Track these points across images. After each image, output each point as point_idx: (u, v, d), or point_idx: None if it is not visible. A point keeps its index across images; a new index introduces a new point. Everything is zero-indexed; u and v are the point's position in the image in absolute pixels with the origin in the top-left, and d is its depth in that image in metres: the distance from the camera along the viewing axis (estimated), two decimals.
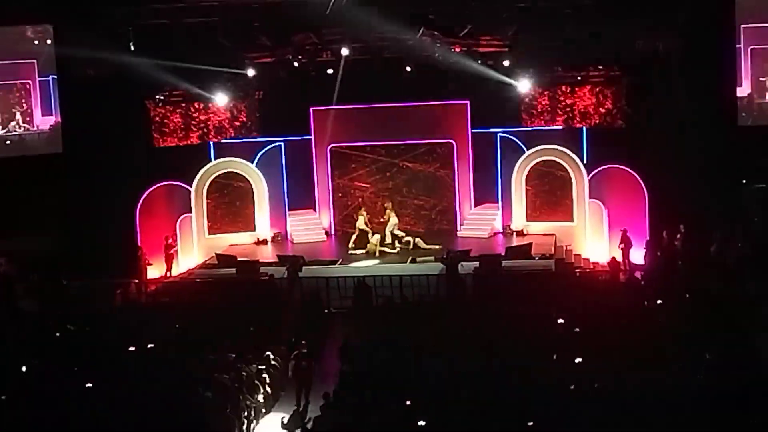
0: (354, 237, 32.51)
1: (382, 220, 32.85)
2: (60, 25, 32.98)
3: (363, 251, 31.95)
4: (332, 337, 24.73)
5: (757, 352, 21.26)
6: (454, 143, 33.98)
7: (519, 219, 33.35)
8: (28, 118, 34.38)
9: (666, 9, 29.91)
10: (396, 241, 32.38)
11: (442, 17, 30.82)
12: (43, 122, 33.85)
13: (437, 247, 31.68)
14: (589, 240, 32.46)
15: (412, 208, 34.43)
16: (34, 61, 34.20)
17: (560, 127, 32.85)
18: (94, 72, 32.01)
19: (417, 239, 32.35)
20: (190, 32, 31.17)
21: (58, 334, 24.53)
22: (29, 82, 34.44)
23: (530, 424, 17.36)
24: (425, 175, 34.47)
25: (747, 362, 20.07)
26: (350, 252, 32.00)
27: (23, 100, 34.57)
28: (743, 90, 31.17)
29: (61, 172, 33.00)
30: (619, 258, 30.30)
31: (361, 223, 32.57)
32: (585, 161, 32.86)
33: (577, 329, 22.38)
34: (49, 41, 33.80)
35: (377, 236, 32.11)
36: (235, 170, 34.07)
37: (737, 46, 31.08)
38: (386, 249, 32.00)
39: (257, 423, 20.60)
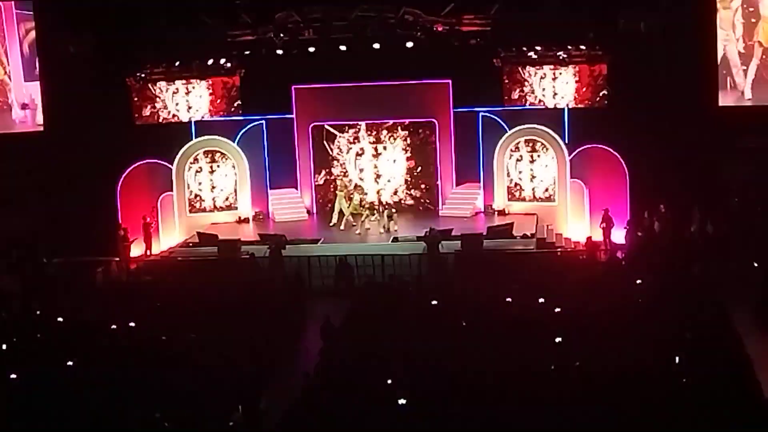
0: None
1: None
2: (40, 1, 32.76)
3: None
4: (313, 317, 24.74)
5: (736, 331, 21.45)
6: (436, 122, 33.98)
7: (501, 198, 33.42)
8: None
9: None
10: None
11: None
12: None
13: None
14: (571, 220, 32.55)
15: (394, 187, 34.39)
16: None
17: (542, 107, 32.86)
18: (75, 49, 31.83)
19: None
20: (172, 10, 31.02)
21: (38, 312, 24.51)
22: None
23: (510, 402, 17.48)
24: (407, 154, 34.45)
25: (726, 342, 20.25)
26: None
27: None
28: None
29: (42, 150, 32.83)
30: (600, 237, 30.43)
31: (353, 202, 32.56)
32: (566, 141, 32.91)
33: (558, 309, 22.50)
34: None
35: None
36: (216, 148, 34.02)
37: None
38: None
39: (240, 405, 20.59)
